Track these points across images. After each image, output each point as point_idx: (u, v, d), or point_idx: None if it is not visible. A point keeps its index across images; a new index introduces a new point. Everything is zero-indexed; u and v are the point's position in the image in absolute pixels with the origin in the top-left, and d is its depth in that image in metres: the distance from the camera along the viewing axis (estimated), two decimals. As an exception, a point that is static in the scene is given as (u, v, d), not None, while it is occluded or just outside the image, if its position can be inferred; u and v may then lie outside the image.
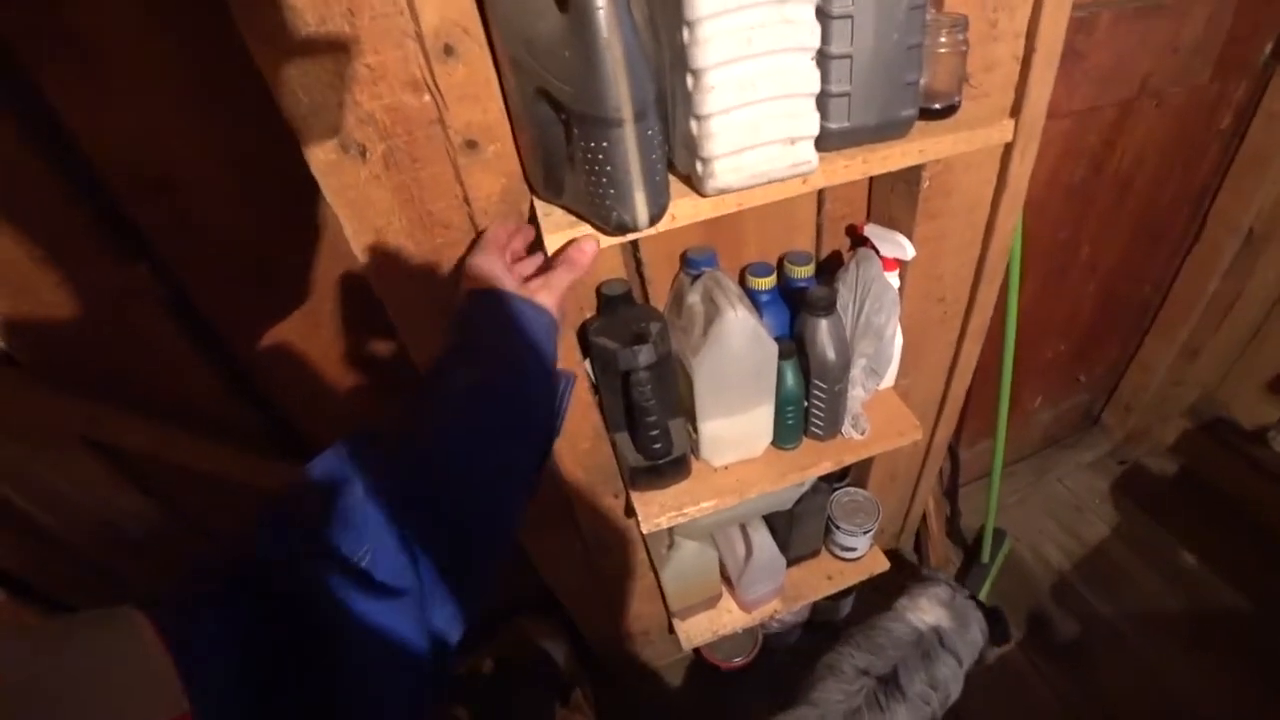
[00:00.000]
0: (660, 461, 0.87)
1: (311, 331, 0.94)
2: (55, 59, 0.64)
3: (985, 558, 1.56)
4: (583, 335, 0.87)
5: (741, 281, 0.94)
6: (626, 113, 0.49)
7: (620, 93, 0.48)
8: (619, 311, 0.86)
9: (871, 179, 0.95)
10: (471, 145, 0.63)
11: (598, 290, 0.88)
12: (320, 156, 0.58)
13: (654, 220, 0.55)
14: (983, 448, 1.69)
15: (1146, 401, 1.85)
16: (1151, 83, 1.16)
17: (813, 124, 0.56)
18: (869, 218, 0.99)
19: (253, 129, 0.68)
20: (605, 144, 0.51)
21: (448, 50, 0.58)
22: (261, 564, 0.38)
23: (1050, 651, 1.50)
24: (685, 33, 0.51)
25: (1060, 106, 1.08)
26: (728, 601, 1.27)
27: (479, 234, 0.68)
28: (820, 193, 0.94)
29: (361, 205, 0.62)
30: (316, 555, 0.39)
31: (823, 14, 0.55)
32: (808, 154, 0.57)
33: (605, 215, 0.55)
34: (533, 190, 0.66)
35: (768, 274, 0.90)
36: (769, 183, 0.58)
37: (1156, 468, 1.90)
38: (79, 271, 0.75)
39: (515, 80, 0.57)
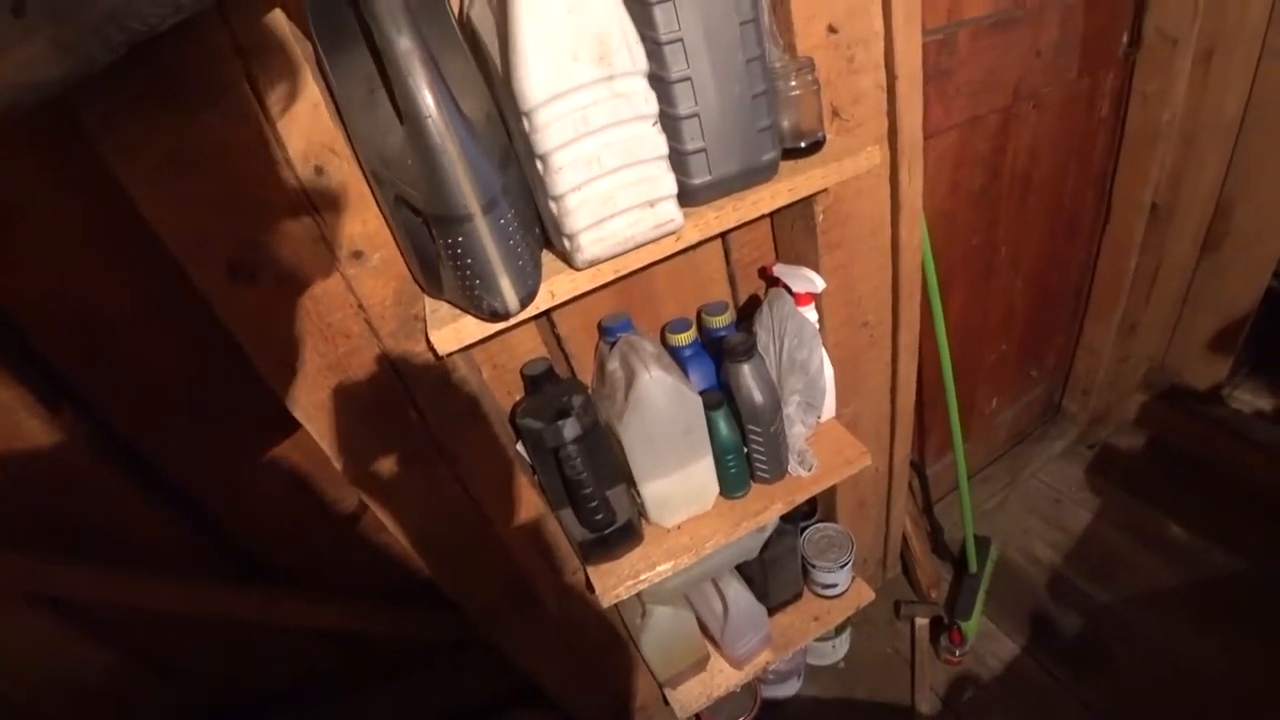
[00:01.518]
0: (606, 532, 0.85)
1: (253, 454, 0.93)
2: None
3: (973, 568, 1.53)
4: (513, 418, 0.86)
5: (663, 341, 0.94)
6: (474, 207, 0.50)
7: (464, 190, 0.49)
8: (544, 390, 0.85)
9: (773, 220, 0.98)
10: (357, 255, 0.63)
11: (521, 372, 0.88)
12: (211, 286, 0.58)
13: (524, 302, 0.55)
14: (951, 459, 1.69)
15: (1101, 382, 1.87)
16: (1024, 87, 1.22)
17: (669, 184, 0.57)
18: (778, 258, 1.00)
19: (168, 266, 0.68)
20: (461, 238, 0.51)
21: (318, 171, 0.59)
22: None
23: (1061, 654, 1.46)
24: (525, 122, 0.52)
25: (941, 122, 1.12)
26: (717, 661, 1.22)
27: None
28: (725, 242, 0.96)
29: (259, 328, 0.62)
30: None
31: (660, 80, 0.57)
32: (670, 213, 0.58)
33: (478, 304, 0.55)
34: (422, 289, 0.66)
35: (686, 329, 0.90)
36: (637, 247, 0.59)
37: (1125, 444, 1.91)
38: (4, 423, 0.74)
39: (379, 191, 0.58)
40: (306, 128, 0.57)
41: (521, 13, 0.49)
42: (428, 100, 0.47)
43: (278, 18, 0.53)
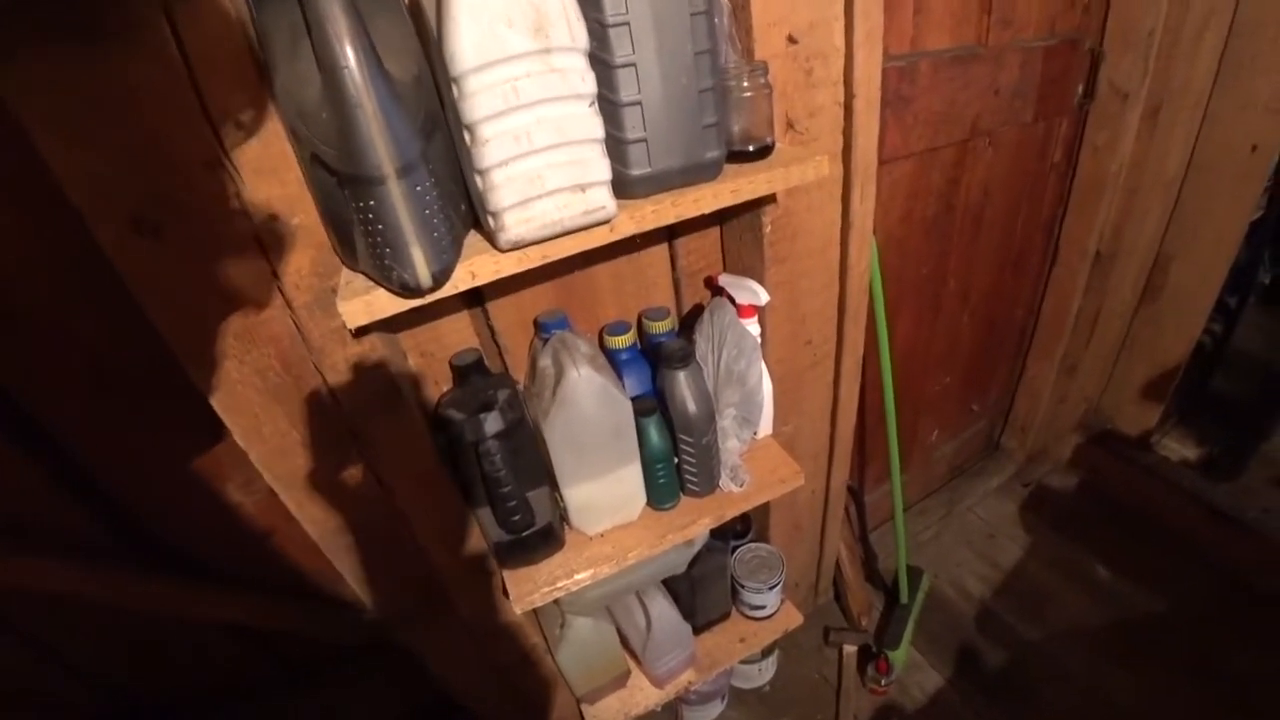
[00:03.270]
0: (524, 534, 0.81)
1: (161, 432, 0.87)
2: None
3: (904, 598, 1.53)
4: (436, 410, 0.82)
5: (601, 343, 0.91)
6: (388, 169, 0.46)
7: (378, 149, 0.46)
8: (471, 382, 0.82)
9: (722, 230, 0.96)
10: (274, 219, 0.59)
11: (450, 362, 0.84)
12: (109, 237, 0.54)
13: (438, 278, 0.52)
14: (888, 488, 1.70)
15: (1040, 421, 1.91)
16: (981, 124, 1.24)
17: (602, 170, 0.55)
18: (725, 268, 0.99)
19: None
20: (373, 202, 0.48)
21: (237, 124, 0.55)
22: None
23: (985, 687, 1.46)
24: (454, 89, 0.49)
25: (899, 148, 1.13)
26: (638, 679, 1.18)
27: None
28: (671, 247, 0.94)
29: (164, 290, 0.58)
30: None
31: (602, 63, 0.54)
32: (602, 199, 0.55)
33: (389, 275, 0.52)
34: (340, 260, 0.62)
35: (624, 332, 0.87)
36: (566, 233, 0.56)
37: (1059, 484, 1.96)
38: None
39: (298, 149, 0.55)
40: (228, 76, 0.53)
41: (458, -27, 0.47)
42: (346, 50, 0.44)
43: (206, -46, 0.49)
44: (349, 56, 0.44)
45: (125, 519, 0.91)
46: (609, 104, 0.56)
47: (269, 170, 0.57)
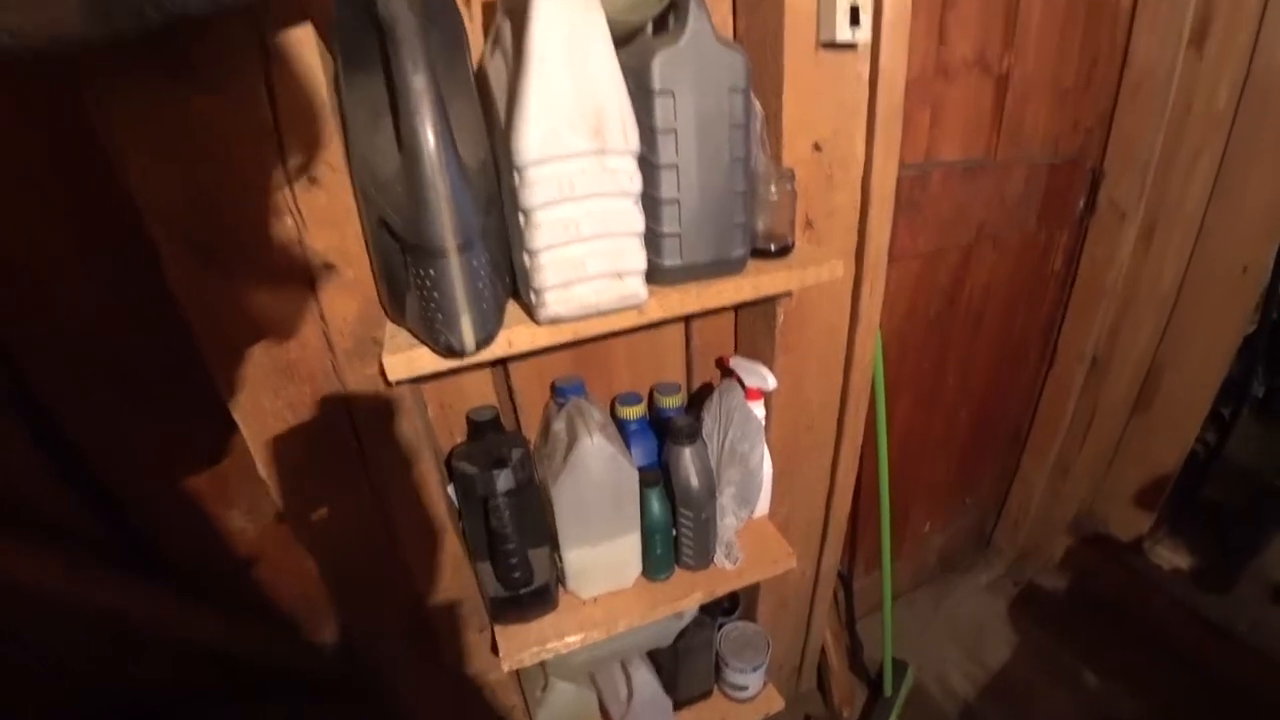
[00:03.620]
0: (521, 591, 0.83)
1: (177, 441, 0.89)
2: None
3: (888, 691, 1.51)
4: (449, 460, 0.85)
5: (613, 412, 0.95)
6: (450, 244, 0.51)
7: (445, 225, 0.50)
8: (486, 437, 0.85)
9: (737, 314, 1.01)
10: (329, 267, 0.64)
11: (467, 416, 0.87)
12: (178, 265, 0.58)
13: (480, 344, 0.56)
14: (878, 576, 1.70)
15: (1032, 520, 1.93)
16: (987, 229, 1.31)
17: (639, 260, 0.59)
18: (737, 350, 1.03)
19: (124, 224, 0.67)
20: (433, 271, 0.52)
21: (312, 179, 0.60)
22: None
23: (961, 792, 1.43)
24: (515, 176, 0.55)
25: (908, 249, 1.20)
26: (614, 751, 1.16)
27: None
28: (688, 327, 0.99)
29: (217, 317, 0.61)
30: None
31: (649, 164, 0.60)
32: (636, 287, 0.60)
33: (436, 337, 0.55)
34: (386, 314, 0.67)
35: (636, 403, 0.91)
36: (599, 314, 0.60)
37: (1050, 584, 1.95)
38: None
39: (365, 210, 0.60)
40: (309, 135, 0.58)
41: (532, 75, 0.52)
42: (429, 138, 0.49)
43: (307, 30, 0.55)
44: (430, 141, 0.49)
45: (126, 524, 0.92)
46: (649, 199, 0.61)
47: (331, 222, 0.62)
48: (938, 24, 1.06)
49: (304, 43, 0.56)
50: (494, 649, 0.89)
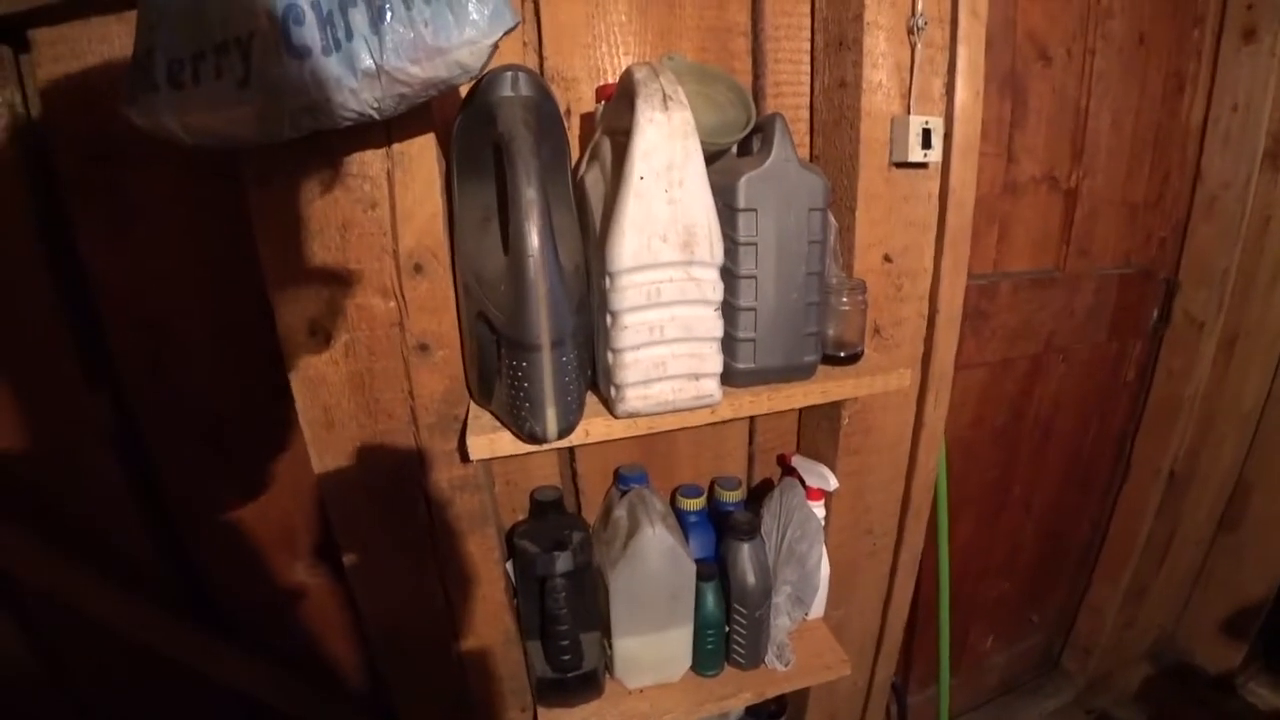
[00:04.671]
0: (568, 675, 0.82)
1: (255, 504, 0.94)
2: (95, 201, 0.75)
3: (942, 823, 1.40)
4: (510, 537, 0.87)
5: (673, 502, 0.96)
6: (544, 340, 0.55)
7: (541, 323, 0.55)
8: (548, 518, 0.87)
9: (800, 415, 1.03)
10: (424, 348, 0.69)
11: (531, 495, 0.90)
12: (290, 334, 0.65)
13: (563, 433, 0.59)
14: (934, 692, 1.60)
15: (1103, 644, 1.79)
16: (1056, 340, 1.30)
17: (715, 364, 0.62)
18: (799, 449, 1.04)
19: (250, 301, 0.75)
20: (525, 364, 0.56)
21: (417, 268, 0.67)
22: None
23: None
24: (607, 281, 0.59)
25: (974, 357, 1.20)
26: None
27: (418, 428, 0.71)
28: (751, 424, 1.00)
29: (316, 383, 0.68)
30: None
31: (730, 274, 0.64)
32: (711, 389, 0.63)
33: (521, 424, 0.59)
34: (471, 395, 0.71)
35: (697, 495, 0.92)
36: (674, 412, 0.63)
37: (1126, 717, 1.79)
38: (43, 380, 0.79)
39: (464, 301, 0.65)
40: (420, 229, 0.65)
41: (630, 192, 0.57)
42: (535, 243, 0.53)
43: (428, 139, 0.63)
44: (536, 246, 0.54)
45: (185, 558, 0.96)
46: (728, 306, 0.65)
47: (430, 309, 0.68)
48: (1006, 144, 1.10)
49: (425, 150, 0.63)
50: (535, 734, 0.88)
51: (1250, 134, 1.36)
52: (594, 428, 0.63)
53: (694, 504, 0.91)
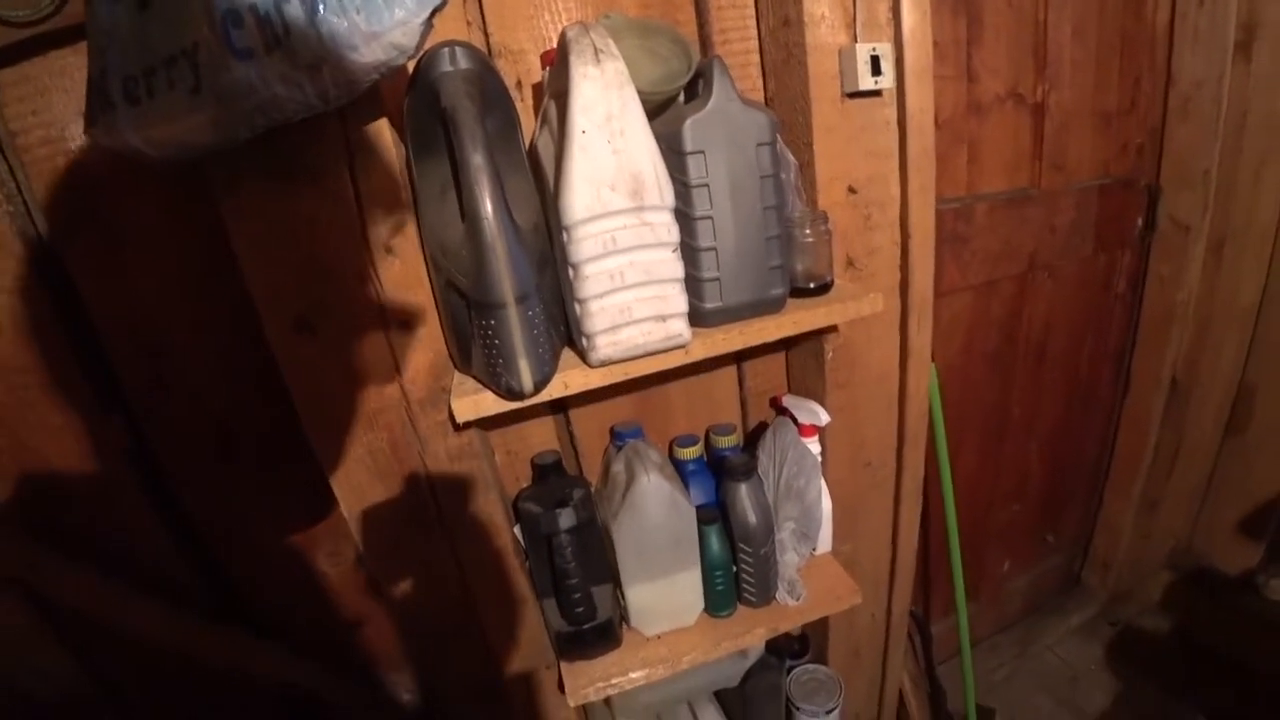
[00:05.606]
0: (585, 627, 0.85)
1: (271, 505, 0.98)
2: (82, 232, 0.78)
3: (974, 741, 1.43)
4: (515, 503, 0.90)
5: (671, 454, 0.98)
6: (508, 297, 0.57)
7: (503, 282, 0.57)
8: (549, 481, 0.90)
9: (787, 356, 1.04)
10: (405, 326, 0.72)
11: (531, 461, 0.93)
12: (276, 329, 0.67)
13: (538, 386, 0.61)
14: (956, 619, 1.63)
15: (1122, 557, 1.81)
16: (1040, 259, 1.30)
17: (680, 304, 0.64)
18: (790, 390, 1.06)
19: (240, 307, 0.77)
20: (494, 322, 0.59)
21: (388, 250, 0.69)
22: None
23: None
24: (565, 235, 0.61)
25: (957, 282, 1.20)
26: (686, 801, 1.15)
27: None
28: (740, 369, 1.02)
29: (308, 373, 0.70)
30: None
31: (686, 216, 0.65)
32: (679, 329, 0.65)
33: (498, 381, 0.62)
34: (454, 364, 0.74)
35: (692, 444, 0.95)
36: (646, 355, 0.65)
37: (1150, 626, 1.81)
38: (57, 411, 0.83)
39: (435, 274, 0.67)
40: (387, 212, 0.67)
41: (575, 146, 0.59)
42: (488, 207, 0.55)
43: (382, 124, 0.64)
44: (488, 209, 0.55)
45: (209, 561, 1.00)
46: (688, 248, 0.66)
47: (406, 287, 0.70)
48: (965, 64, 1.09)
49: (381, 134, 0.65)
50: (560, 686, 0.91)
51: (1219, 28, 1.34)
52: (572, 379, 0.65)
53: (690, 453, 0.93)
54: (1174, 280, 1.50)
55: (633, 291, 0.62)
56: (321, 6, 0.47)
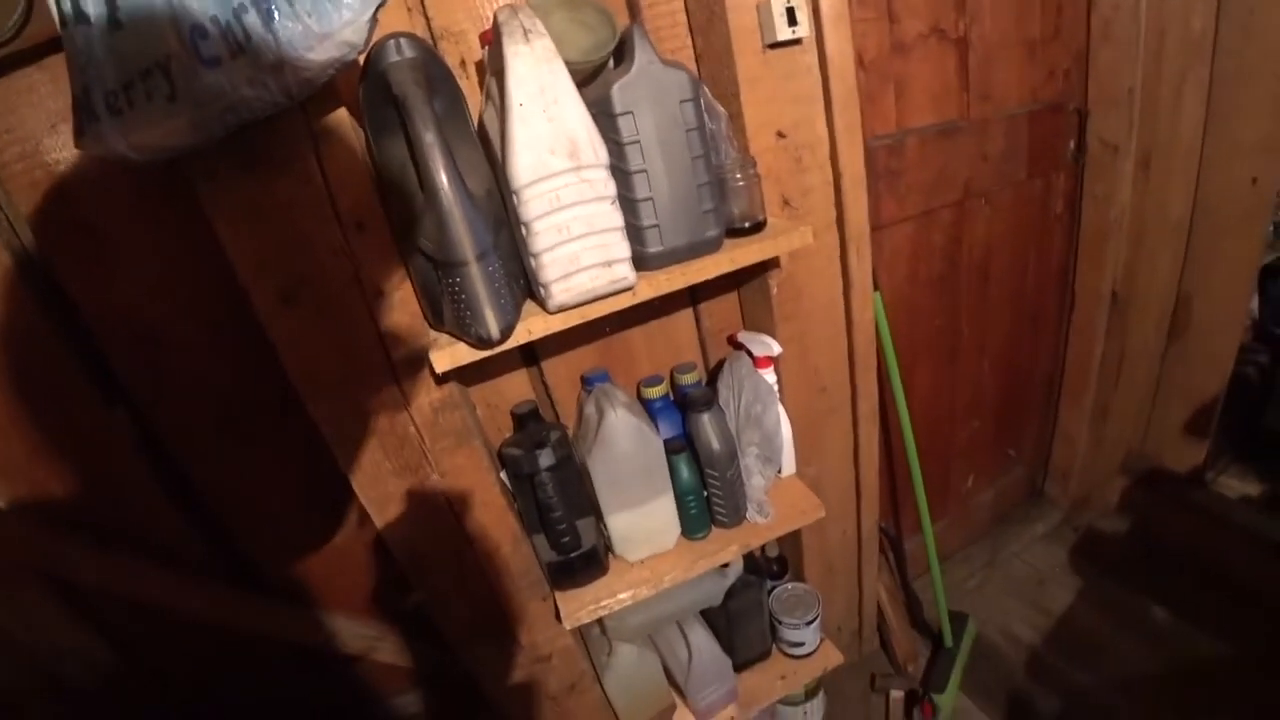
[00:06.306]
0: (572, 555, 0.95)
1: (275, 475, 1.06)
2: (66, 240, 0.84)
3: (948, 642, 1.56)
4: (499, 451, 0.98)
5: (639, 395, 1.06)
6: (469, 255, 0.65)
7: (463, 242, 0.64)
8: (528, 427, 0.98)
9: (740, 295, 1.12)
10: (381, 294, 0.79)
11: (510, 412, 1.01)
12: (264, 305, 0.74)
13: (504, 333, 0.69)
14: (929, 532, 1.74)
15: (1080, 465, 1.93)
16: (975, 186, 1.38)
17: (623, 250, 0.72)
18: (745, 327, 1.14)
19: (224, 291, 0.84)
20: (459, 279, 0.66)
21: (359, 226, 0.75)
22: None
23: (1038, 735, 1.46)
24: (514, 198, 0.68)
25: (895, 214, 1.28)
26: (684, 714, 1.26)
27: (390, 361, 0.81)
28: (695, 311, 1.10)
29: (297, 343, 0.77)
30: None
31: (620, 171, 0.73)
32: (624, 273, 0.72)
33: (469, 332, 0.69)
34: (429, 323, 0.81)
35: (657, 384, 1.03)
36: (598, 298, 0.73)
37: (1109, 528, 1.94)
38: (62, 411, 0.90)
39: (403, 244, 0.74)
40: (354, 192, 0.74)
41: (514, 118, 0.66)
42: (442, 178, 0.63)
43: (341, 112, 0.71)
44: (444, 181, 0.63)
45: (222, 536, 1.08)
46: (626, 200, 0.74)
47: (378, 259, 0.77)
48: (886, 6, 1.16)
49: (341, 122, 0.71)
50: (556, 614, 1.01)
51: (1132, -50, 1.40)
52: (534, 325, 0.73)
53: (656, 391, 1.01)
54: (1107, 199, 1.58)
55: (579, 242, 0.69)
56: (276, 13, 0.53)
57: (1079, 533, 1.94)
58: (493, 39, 0.71)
